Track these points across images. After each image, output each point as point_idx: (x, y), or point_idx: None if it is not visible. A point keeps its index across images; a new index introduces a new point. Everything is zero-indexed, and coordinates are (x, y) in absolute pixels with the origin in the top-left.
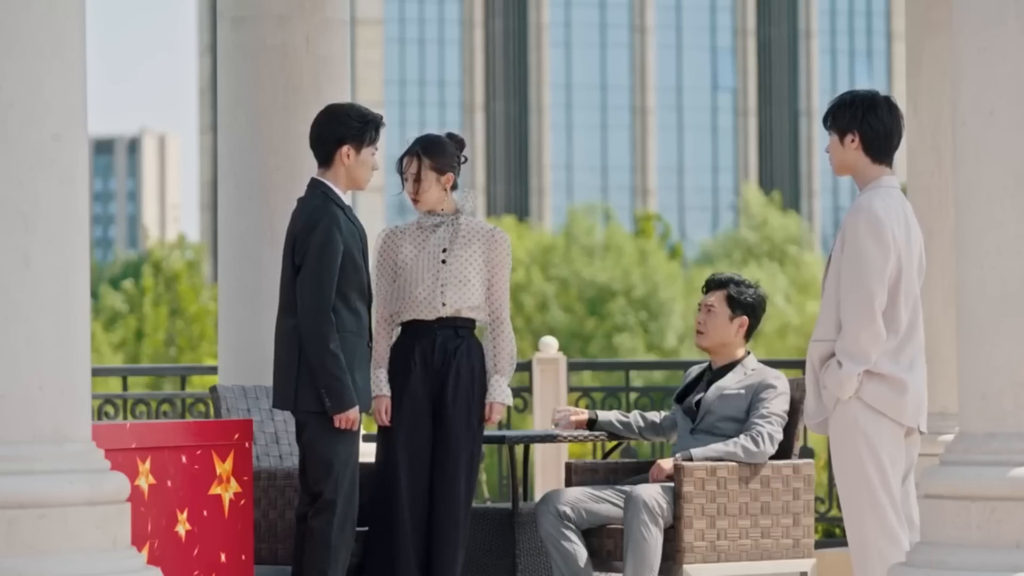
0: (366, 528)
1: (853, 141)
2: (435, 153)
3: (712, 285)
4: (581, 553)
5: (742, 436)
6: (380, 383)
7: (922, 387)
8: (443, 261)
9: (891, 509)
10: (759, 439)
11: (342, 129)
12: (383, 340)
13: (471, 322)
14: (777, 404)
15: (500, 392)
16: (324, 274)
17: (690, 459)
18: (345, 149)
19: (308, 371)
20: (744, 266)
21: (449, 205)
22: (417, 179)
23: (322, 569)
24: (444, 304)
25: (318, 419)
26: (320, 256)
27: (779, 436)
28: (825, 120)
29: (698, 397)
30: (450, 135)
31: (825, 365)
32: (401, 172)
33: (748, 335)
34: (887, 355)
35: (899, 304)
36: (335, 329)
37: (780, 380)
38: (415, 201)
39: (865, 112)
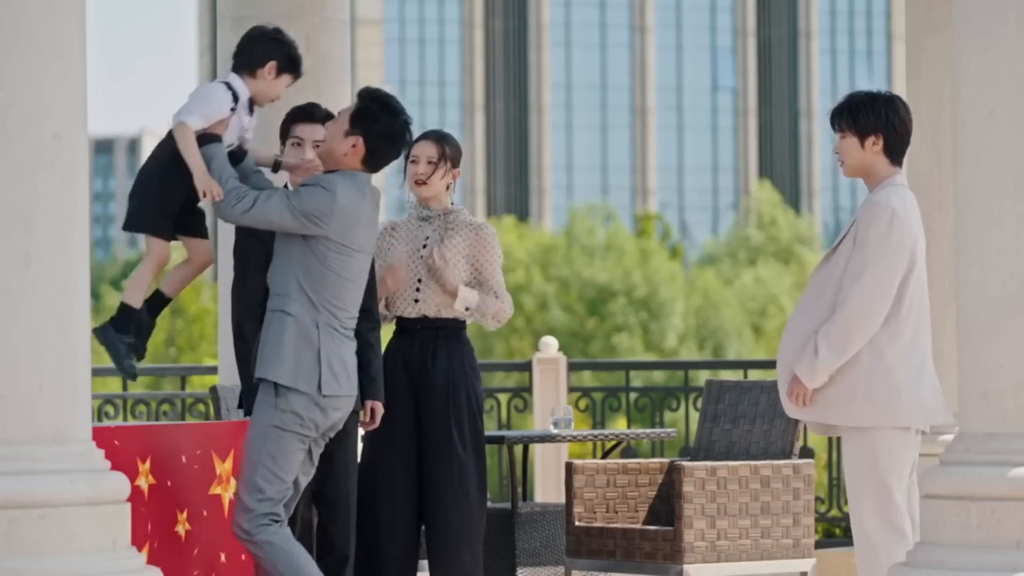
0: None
1: (876, 144)
2: (454, 144)
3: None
4: None
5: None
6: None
7: (935, 385)
8: (422, 256)
9: (901, 507)
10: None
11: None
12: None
13: (455, 323)
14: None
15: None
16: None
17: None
18: None
19: None
20: (750, 266)
21: (445, 202)
22: (431, 164)
23: (343, 554)
24: (417, 301)
25: None
26: None
27: None
28: (838, 122)
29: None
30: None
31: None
32: (409, 157)
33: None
34: (899, 356)
35: (904, 300)
36: None
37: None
38: (421, 184)
39: (888, 113)
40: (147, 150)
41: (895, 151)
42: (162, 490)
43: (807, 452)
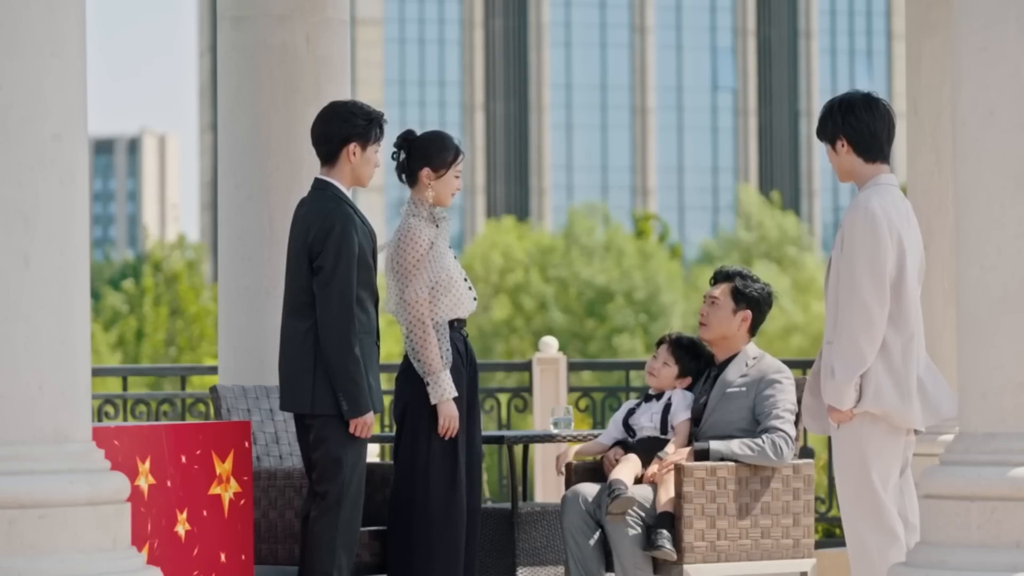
0: (383, 527)
1: (844, 146)
2: (420, 145)
3: (719, 277)
4: (598, 549)
5: (764, 439)
6: (450, 386)
7: (940, 383)
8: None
9: (890, 508)
10: (780, 446)
11: (347, 127)
12: (443, 341)
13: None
14: (786, 399)
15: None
16: (348, 278)
17: (706, 451)
18: (352, 147)
19: (324, 373)
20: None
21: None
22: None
23: (325, 571)
24: (476, 298)
25: (332, 421)
26: (344, 259)
27: (795, 433)
28: (817, 132)
29: (703, 398)
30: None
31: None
32: (453, 165)
33: (752, 330)
34: (901, 356)
35: (905, 300)
36: (357, 333)
37: (783, 372)
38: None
39: (844, 115)
40: (147, 150)
41: (865, 149)
42: (162, 490)
43: (807, 452)
